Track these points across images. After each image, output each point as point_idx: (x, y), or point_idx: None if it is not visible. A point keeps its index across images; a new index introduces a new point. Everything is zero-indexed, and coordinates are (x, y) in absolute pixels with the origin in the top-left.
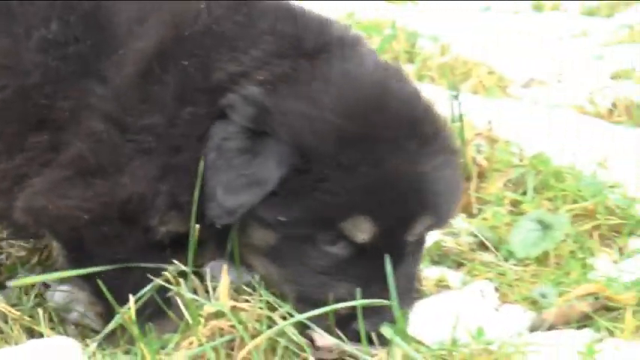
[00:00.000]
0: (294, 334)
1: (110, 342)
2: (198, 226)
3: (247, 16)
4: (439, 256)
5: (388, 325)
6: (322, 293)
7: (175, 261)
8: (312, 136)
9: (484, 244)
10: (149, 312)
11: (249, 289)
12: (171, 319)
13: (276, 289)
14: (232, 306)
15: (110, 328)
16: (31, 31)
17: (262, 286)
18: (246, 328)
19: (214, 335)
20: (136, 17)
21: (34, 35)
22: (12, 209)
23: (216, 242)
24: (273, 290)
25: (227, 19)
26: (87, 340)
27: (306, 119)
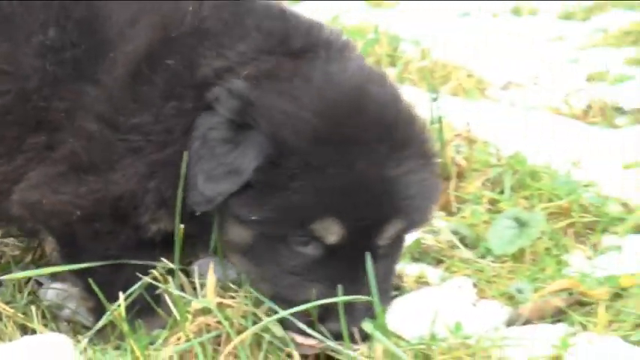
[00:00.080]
0: (278, 329)
1: (101, 338)
2: (182, 225)
3: (234, 14)
4: (419, 254)
5: (368, 320)
6: (295, 294)
7: (164, 259)
8: (289, 132)
9: (463, 242)
10: (138, 309)
11: (235, 287)
12: (159, 316)
13: (255, 286)
14: (219, 303)
15: (101, 324)
16: (30, 37)
17: (247, 283)
18: (232, 324)
19: (201, 331)
20: (127, 20)
21: (33, 41)
22: (10, 206)
23: (203, 241)
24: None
25: (213, 17)
26: (79, 336)
27: (285, 115)
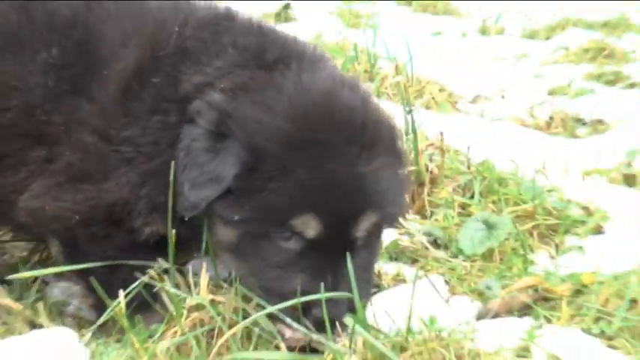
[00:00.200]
0: (267, 323)
1: (103, 332)
2: (174, 231)
3: (212, 33)
4: (396, 254)
5: (349, 315)
6: (280, 286)
7: (160, 259)
8: (263, 139)
9: (436, 243)
10: (137, 305)
11: (226, 285)
12: (157, 312)
13: (244, 282)
14: (211, 299)
15: (103, 319)
16: (35, 56)
17: (237, 281)
18: (224, 318)
19: (196, 326)
20: (118, 41)
21: (38, 59)
22: (17, 214)
23: (196, 242)
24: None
25: (194, 37)
26: (83, 330)
27: (259, 124)
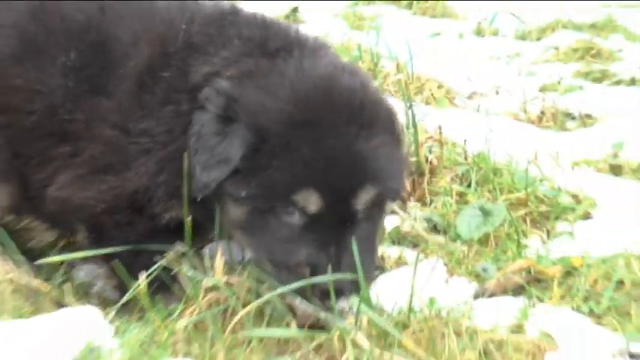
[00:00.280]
0: (279, 303)
1: (126, 311)
2: (190, 217)
3: (218, 27)
4: (398, 238)
5: (354, 293)
6: (286, 258)
7: (178, 243)
8: (267, 120)
9: (435, 228)
10: (157, 286)
11: (240, 267)
12: (175, 292)
13: (254, 257)
14: (226, 281)
15: (125, 299)
16: (55, 60)
17: (250, 264)
18: (238, 298)
19: (212, 305)
20: (130, 41)
21: (57, 63)
22: (46, 204)
23: (211, 227)
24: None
25: (200, 33)
26: (107, 309)
27: (263, 107)
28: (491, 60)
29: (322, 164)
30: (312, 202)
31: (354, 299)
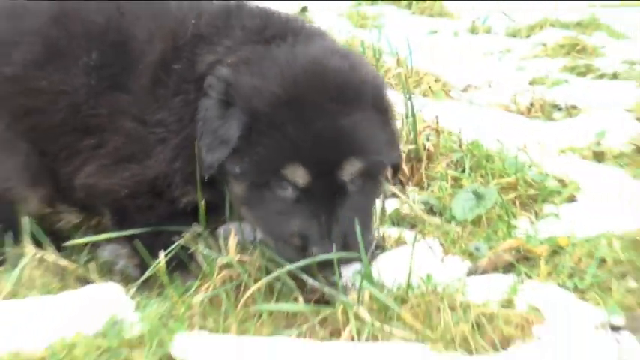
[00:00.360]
0: (287, 279)
1: (146, 287)
2: (204, 201)
3: (224, 20)
4: (397, 220)
5: (357, 272)
6: (281, 229)
7: (195, 225)
8: (257, 102)
9: (432, 210)
10: (175, 264)
11: (252, 246)
12: (192, 270)
13: (255, 229)
14: (239, 259)
15: (146, 276)
16: (77, 61)
17: (260, 244)
18: (249, 275)
19: (225, 281)
20: (146, 39)
21: (80, 63)
22: (74, 192)
23: (224, 208)
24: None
25: (208, 25)
26: (129, 285)
27: (255, 89)
28: (484, 56)
29: (307, 140)
30: (299, 176)
31: (357, 276)
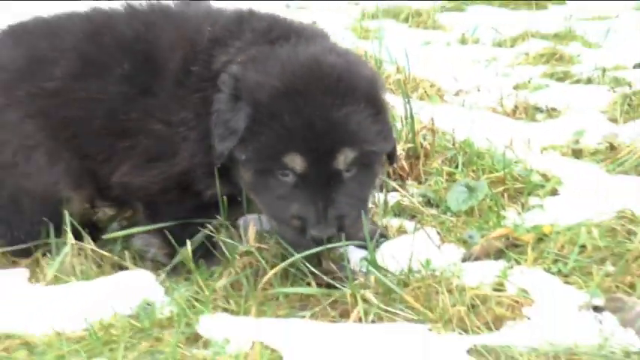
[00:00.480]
0: (302, 266)
1: (175, 273)
2: (225, 196)
3: (237, 24)
4: (399, 211)
5: (364, 259)
6: (282, 213)
7: (218, 217)
8: (259, 95)
9: (429, 202)
10: (201, 252)
11: (269, 235)
12: (216, 257)
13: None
14: (257, 247)
15: (174, 263)
16: (112, 71)
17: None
18: (267, 262)
19: (245, 267)
20: (168, 47)
21: (114, 73)
22: (112, 188)
23: (243, 201)
24: None
25: (223, 29)
26: (159, 272)
27: (259, 84)
28: (473, 64)
29: (302, 130)
30: (297, 163)
31: (364, 262)
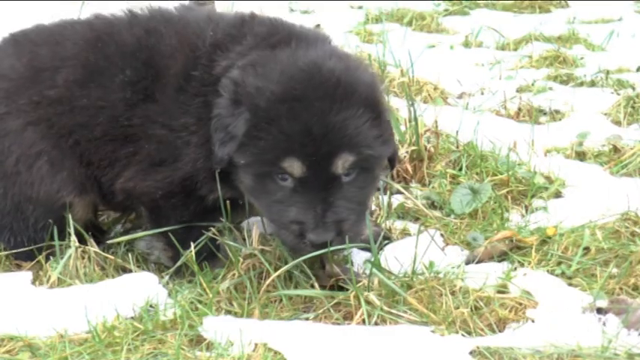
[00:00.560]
0: (305, 268)
1: (178, 276)
2: (226, 199)
3: (238, 28)
4: (402, 213)
5: (367, 261)
6: (281, 217)
7: (222, 219)
8: (259, 100)
9: (433, 205)
10: (204, 255)
11: (272, 238)
12: (220, 259)
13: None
14: (261, 249)
15: (178, 265)
16: (114, 78)
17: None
18: (271, 264)
19: (249, 269)
20: (169, 54)
21: (116, 80)
22: (115, 194)
23: (245, 205)
24: None
25: (224, 33)
26: (162, 274)
27: (257, 89)
28: (476, 66)
29: (300, 135)
30: (295, 168)
31: (367, 264)
